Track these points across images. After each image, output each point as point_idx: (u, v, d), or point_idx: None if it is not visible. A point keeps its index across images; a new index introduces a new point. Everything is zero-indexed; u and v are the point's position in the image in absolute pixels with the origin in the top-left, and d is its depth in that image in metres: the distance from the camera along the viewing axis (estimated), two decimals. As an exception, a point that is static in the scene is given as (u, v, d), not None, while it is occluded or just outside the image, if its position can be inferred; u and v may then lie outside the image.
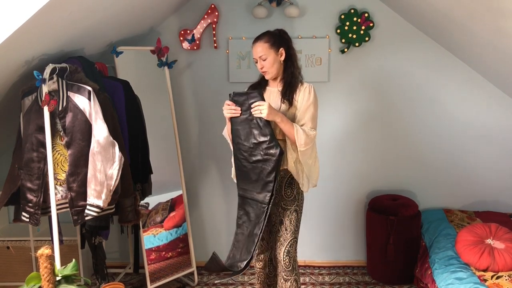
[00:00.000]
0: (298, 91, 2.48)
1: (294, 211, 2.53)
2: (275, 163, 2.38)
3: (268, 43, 2.46)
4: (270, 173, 2.40)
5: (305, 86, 2.49)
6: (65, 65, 2.36)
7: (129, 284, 3.40)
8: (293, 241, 2.54)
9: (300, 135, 2.39)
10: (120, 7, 2.56)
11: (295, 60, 2.53)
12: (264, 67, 2.48)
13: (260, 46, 2.46)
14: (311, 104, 2.46)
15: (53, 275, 1.88)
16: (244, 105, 2.42)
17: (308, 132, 2.41)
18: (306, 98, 2.46)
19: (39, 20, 1.95)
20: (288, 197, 2.52)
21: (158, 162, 3.08)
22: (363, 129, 3.52)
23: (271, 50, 2.46)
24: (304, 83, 2.52)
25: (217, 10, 3.33)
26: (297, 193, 2.54)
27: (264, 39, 2.47)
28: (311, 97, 2.47)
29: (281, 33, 2.54)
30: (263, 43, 2.46)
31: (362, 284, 3.38)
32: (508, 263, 2.59)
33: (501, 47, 2.65)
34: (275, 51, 2.47)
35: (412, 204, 3.35)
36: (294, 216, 2.53)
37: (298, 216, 2.56)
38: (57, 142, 2.40)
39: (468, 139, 3.48)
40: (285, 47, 2.50)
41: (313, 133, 2.44)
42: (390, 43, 3.39)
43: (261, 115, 2.34)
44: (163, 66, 3.24)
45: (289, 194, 2.52)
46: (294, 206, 2.53)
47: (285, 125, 2.40)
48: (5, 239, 3.27)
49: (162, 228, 3.22)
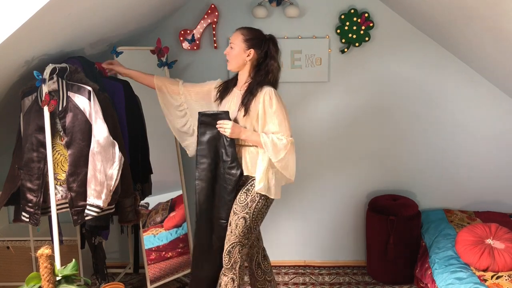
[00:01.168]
0: (256, 99, 2.41)
1: (242, 218, 2.46)
2: (234, 183, 2.45)
3: (243, 36, 2.45)
4: (230, 192, 2.46)
5: (264, 93, 2.39)
6: (65, 65, 2.36)
7: (129, 284, 3.40)
8: (236, 244, 2.47)
9: (268, 147, 2.36)
10: (120, 7, 2.56)
11: (271, 73, 2.46)
12: (228, 54, 2.48)
13: (236, 35, 2.48)
14: (276, 110, 2.38)
15: (53, 275, 1.88)
16: (211, 125, 2.47)
17: (277, 141, 2.36)
18: (268, 105, 2.38)
19: (39, 20, 1.95)
20: (241, 203, 2.47)
21: (158, 162, 3.08)
22: (363, 129, 3.52)
23: (242, 43, 2.44)
24: (264, 88, 2.41)
25: (217, 10, 3.33)
26: (251, 201, 2.46)
27: (244, 31, 2.47)
28: (273, 103, 2.38)
29: (269, 39, 2.48)
30: (240, 34, 2.46)
31: (362, 284, 3.38)
32: (508, 263, 2.59)
33: (501, 47, 2.65)
34: (246, 47, 2.44)
35: (412, 204, 3.35)
36: (241, 222, 2.46)
37: (247, 223, 2.45)
38: (57, 142, 2.40)
39: (468, 139, 3.48)
40: (258, 51, 2.45)
41: (284, 142, 2.37)
42: (390, 43, 3.39)
43: (225, 133, 2.39)
44: (163, 66, 3.23)
45: (242, 199, 2.48)
46: (243, 213, 2.46)
47: (252, 139, 2.41)
48: (5, 239, 3.27)
49: (162, 228, 3.22)
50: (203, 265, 2.59)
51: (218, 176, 2.51)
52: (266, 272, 2.73)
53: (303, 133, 3.52)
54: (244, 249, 2.50)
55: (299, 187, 3.61)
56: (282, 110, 2.41)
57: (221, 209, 2.51)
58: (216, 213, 2.53)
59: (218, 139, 2.47)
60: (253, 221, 2.48)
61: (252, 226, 2.48)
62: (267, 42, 2.48)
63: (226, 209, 2.50)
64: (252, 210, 2.46)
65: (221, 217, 2.52)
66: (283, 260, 3.69)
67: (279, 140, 2.37)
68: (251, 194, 2.46)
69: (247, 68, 2.50)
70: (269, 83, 2.47)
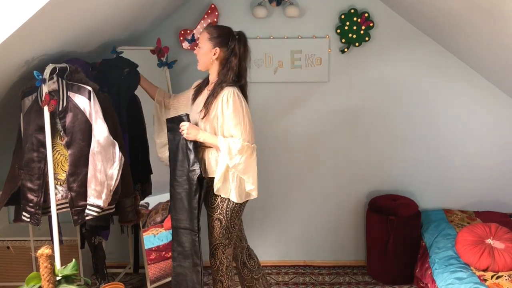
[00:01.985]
0: (217, 98, 2.35)
1: (217, 219, 2.46)
2: (195, 187, 2.40)
3: (208, 35, 2.41)
4: (193, 197, 2.42)
5: (223, 93, 2.32)
6: (65, 65, 2.36)
7: (129, 284, 3.40)
8: (218, 246, 2.48)
9: (223, 151, 2.31)
10: (120, 7, 2.56)
11: (231, 70, 2.38)
12: (197, 54, 2.47)
13: (202, 33, 2.45)
14: (232, 112, 2.30)
15: (53, 275, 1.88)
16: (175, 130, 2.47)
17: (231, 145, 2.29)
18: (225, 106, 2.32)
19: (39, 20, 1.95)
20: (212, 205, 2.47)
21: (158, 162, 3.07)
22: (363, 129, 3.51)
23: (208, 42, 2.41)
24: (225, 89, 2.34)
25: (217, 10, 3.33)
26: (220, 201, 2.44)
27: (209, 29, 2.44)
28: (229, 104, 2.30)
29: (236, 36, 2.43)
30: (206, 33, 2.43)
31: (362, 284, 3.38)
32: (508, 263, 2.59)
33: (501, 47, 2.66)
34: (211, 46, 2.40)
35: (412, 204, 3.35)
36: (217, 224, 2.46)
37: (222, 224, 2.45)
38: (57, 142, 2.40)
39: (468, 138, 3.48)
40: (225, 49, 2.40)
41: (239, 146, 2.28)
42: (390, 43, 3.39)
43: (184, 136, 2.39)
44: (163, 66, 3.23)
45: (212, 201, 2.47)
46: (216, 214, 2.46)
47: (209, 142, 2.38)
48: (5, 239, 3.27)
49: (162, 228, 3.22)
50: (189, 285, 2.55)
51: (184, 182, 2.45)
52: (252, 270, 2.72)
53: (303, 133, 3.52)
54: (227, 249, 2.50)
55: (299, 187, 3.61)
56: (239, 113, 2.31)
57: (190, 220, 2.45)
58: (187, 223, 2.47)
59: (183, 144, 2.44)
60: (229, 221, 2.46)
61: (230, 226, 2.47)
62: (234, 39, 2.42)
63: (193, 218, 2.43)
64: (224, 210, 2.44)
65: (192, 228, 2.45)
66: (283, 260, 3.69)
67: (233, 143, 2.29)
68: (219, 195, 2.44)
69: (215, 67, 2.45)
70: (234, 83, 2.39)
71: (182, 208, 2.48)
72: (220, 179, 2.36)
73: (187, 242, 2.51)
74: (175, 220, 2.54)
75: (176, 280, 2.59)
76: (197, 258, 2.49)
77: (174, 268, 2.58)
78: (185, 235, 2.50)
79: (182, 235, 2.52)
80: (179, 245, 2.54)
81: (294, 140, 3.51)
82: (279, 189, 3.61)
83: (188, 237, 2.50)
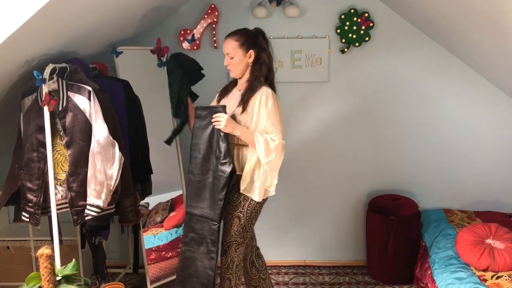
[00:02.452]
0: (255, 96, 2.41)
1: (236, 217, 2.47)
2: (225, 180, 2.39)
3: (237, 42, 2.42)
4: (221, 190, 2.40)
5: (262, 91, 2.40)
6: (65, 65, 2.36)
7: (129, 284, 3.40)
8: (232, 244, 2.49)
9: (260, 146, 2.33)
10: (120, 7, 2.56)
11: (264, 64, 2.45)
12: (229, 65, 2.45)
13: (229, 44, 2.43)
14: (270, 110, 2.37)
15: (53, 275, 1.88)
16: (207, 119, 2.44)
17: (269, 142, 2.34)
18: (263, 104, 2.37)
19: (39, 21, 1.95)
20: (234, 202, 2.48)
21: (158, 162, 3.08)
22: (363, 129, 3.52)
23: (239, 50, 2.42)
24: (262, 88, 2.42)
25: (217, 10, 3.33)
26: (243, 200, 2.46)
27: (234, 37, 2.43)
28: (268, 102, 2.37)
29: (257, 34, 2.47)
30: (233, 41, 2.42)
31: (362, 284, 3.38)
32: (508, 263, 2.59)
33: (501, 47, 2.65)
34: (244, 52, 2.42)
35: (412, 204, 3.35)
36: (235, 222, 2.47)
37: (241, 222, 2.47)
38: (57, 142, 2.40)
39: (468, 139, 3.48)
40: (256, 49, 2.44)
41: (277, 143, 2.35)
42: (390, 43, 3.39)
43: (219, 127, 2.37)
44: (163, 66, 3.23)
45: (235, 199, 2.48)
46: (237, 212, 2.47)
47: (246, 137, 2.38)
48: (5, 239, 3.27)
49: (162, 228, 3.22)
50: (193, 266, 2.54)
51: (209, 172, 2.46)
52: (260, 270, 2.73)
53: (303, 133, 3.52)
54: (240, 248, 2.50)
55: (299, 187, 3.61)
56: (276, 112, 2.40)
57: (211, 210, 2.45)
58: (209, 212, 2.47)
59: (213, 134, 2.44)
60: (247, 220, 2.48)
61: (247, 225, 2.48)
62: (258, 37, 2.46)
63: (216, 209, 2.43)
64: (245, 208, 2.46)
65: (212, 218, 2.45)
66: (283, 260, 3.69)
67: (272, 140, 2.35)
68: (243, 193, 2.46)
69: (249, 68, 2.50)
70: (267, 79, 2.46)
71: (202, 196, 2.47)
72: (246, 178, 2.41)
73: (203, 229, 2.49)
74: (191, 206, 2.52)
75: (183, 263, 2.57)
76: (213, 247, 2.47)
77: (183, 252, 2.57)
78: (201, 223, 2.48)
79: (197, 222, 2.50)
80: (192, 231, 2.53)
81: (294, 140, 3.51)
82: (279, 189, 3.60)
83: (204, 225, 2.48)
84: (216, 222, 2.45)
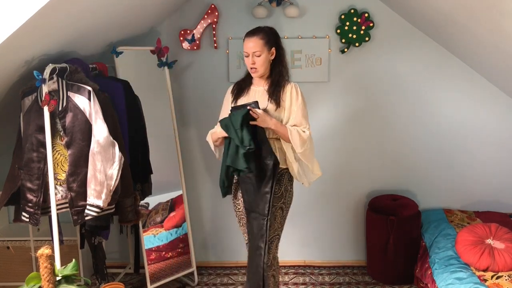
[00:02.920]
0: (284, 91, 2.48)
1: (279, 208, 2.53)
2: (270, 172, 2.41)
3: (263, 40, 2.45)
4: (266, 183, 2.43)
5: (291, 86, 2.50)
6: (65, 65, 2.36)
7: (129, 284, 3.40)
8: (274, 239, 2.54)
9: (294, 138, 2.42)
10: (120, 7, 2.56)
11: (283, 59, 2.53)
12: (256, 63, 2.46)
13: (255, 42, 2.44)
14: (301, 103, 2.48)
15: (53, 275, 1.88)
16: None
17: (301, 133, 2.43)
18: (294, 98, 2.47)
19: (39, 21, 1.95)
20: (276, 194, 2.50)
21: (158, 162, 3.08)
22: (363, 129, 3.52)
23: (265, 47, 2.45)
24: (290, 83, 2.52)
25: (217, 10, 3.33)
26: (284, 190, 2.54)
27: (259, 35, 2.45)
28: (299, 96, 2.48)
29: (271, 30, 2.53)
30: (259, 39, 2.44)
31: (362, 284, 3.38)
32: (508, 263, 2.59)
33: (501, 47, 2.65)
34: (268, 49, 2.46)
35: (412, 204, 3.35)
36: (279, 213, 2.53)
37: (283, 213, 2.55)
38: (57, 142, 2.40)
39: (468, 139, 3.48)
40: (276, 46, 2.50)
41: (307, 134, 2.46)
42: (390, 43, 3.39)
43: (255, 122, 2.38)
44: (163, 66, 3.23)
45: (276, 191, 2.50)
46: (280, 203, 2.52)
47: (280, 130, 2.43)
48: (5, 239, 3.27)
49: (162, 228, 3.22)
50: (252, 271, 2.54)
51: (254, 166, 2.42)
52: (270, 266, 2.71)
53: (303, 133, 3.52)
54: (278, 241, 2.57)
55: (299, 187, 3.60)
56: (305, 105, 2.51)
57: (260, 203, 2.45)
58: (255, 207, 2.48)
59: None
60: (287, 210, 2.57)
61: (286, 216, 2.57)
62: (274, 33, 2.53)
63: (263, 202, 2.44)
64: (287, 199, 2.56)
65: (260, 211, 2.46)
66: (283, 260, 3.67)
67: (303, 132, 2.45)
68: (284, 184, 2.52)
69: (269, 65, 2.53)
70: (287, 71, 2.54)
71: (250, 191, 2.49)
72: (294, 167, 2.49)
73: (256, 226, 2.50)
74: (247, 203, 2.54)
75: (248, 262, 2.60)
76: (262, 243, 2.47)
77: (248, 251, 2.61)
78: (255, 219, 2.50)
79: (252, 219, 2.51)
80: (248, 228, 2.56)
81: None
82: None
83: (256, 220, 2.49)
84: (265, 217, 2.45)
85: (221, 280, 3.46)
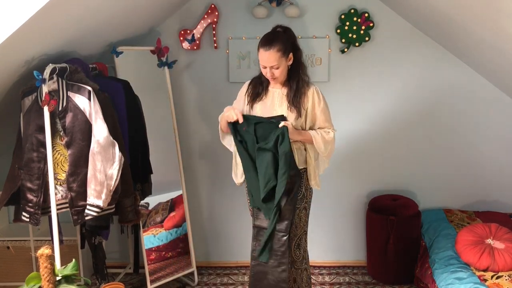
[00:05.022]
0: (305, 97, 2.45)
1: (303, 209, 2.57)
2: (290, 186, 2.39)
3: (280, 52, 2.34)
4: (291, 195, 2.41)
5: (311, 90, 2.47)
6: (65, 65, 2.36)
7: (129, 284, 3.40)
8: (303, 236, 2.60)
9: (319, 142, 2.44)
10: (120, 7, 2.56)
11: (301, 60, 2.49)
12: (275, 74, 2.39)
13: (272, 55, 2.33)
14: (323, 107, 2.49)
15: (53, 275, 1.88)
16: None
17: (325, 135, 2.46)
18: (317, 103, 2.47)
19: (39, 20, 1.95)
20: (298, 196, 2.52)
21: (158, 162, 3.08)
22: (363, 129, 3.51)
23: (282, 59, 2.37)
24: (309, 86, 2.48)
25: (217, 10, 3.33)
26: (305, 190, 2.56)
27: (276, 47, 2.33)
28: (321, 101, 2.49)
29: (287, 33, 2.43)
30: (276, 52, 2.33)
31: (362, 284, 3.38)
32: (508, 263, 2.59)
33: (502, 47, 2.65)
34: (286, 58, 2.39)
35: (412, 204, 3.35)
36: (303, 213, 2.57)
37: (307, 212, 2.60)
38: (57, 142, 2.40)
39: (468, 139, 3.48)
40: (293, 50, 2.43)
41: (331, 135, 2.51)
42: (390, 43, 3.39)
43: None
44: (163, 66, 3.23)
45: (298, 193, 2.52)
46: (303, 204, 2.56)
47: (305, 139, 2.46)
48: (5, 239, 3.27)
49: (162, 228, 3.22)
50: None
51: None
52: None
53: (303, 133, 3.52)
54: (306, 236, 2.62)
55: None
56: (328, 106, 2.53)
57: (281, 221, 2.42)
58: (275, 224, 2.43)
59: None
60: (309, 207, 2.61)
61: (309, 212, 2.62)
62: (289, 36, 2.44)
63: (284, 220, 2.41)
64: (309, 199, 2.60)
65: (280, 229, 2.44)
66: (283, 260, 3.68)
67: (326, 134, 2.48)
68: (304, 185, 2.53)
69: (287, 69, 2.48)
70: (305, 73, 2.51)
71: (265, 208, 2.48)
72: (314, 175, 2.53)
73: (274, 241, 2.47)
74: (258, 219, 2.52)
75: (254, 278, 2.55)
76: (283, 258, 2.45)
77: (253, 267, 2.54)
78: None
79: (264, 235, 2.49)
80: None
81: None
82: (279, 189, 3.61)
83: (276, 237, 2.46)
84: (285, 233, 2.43)
85: (221, 280, 3.46)
